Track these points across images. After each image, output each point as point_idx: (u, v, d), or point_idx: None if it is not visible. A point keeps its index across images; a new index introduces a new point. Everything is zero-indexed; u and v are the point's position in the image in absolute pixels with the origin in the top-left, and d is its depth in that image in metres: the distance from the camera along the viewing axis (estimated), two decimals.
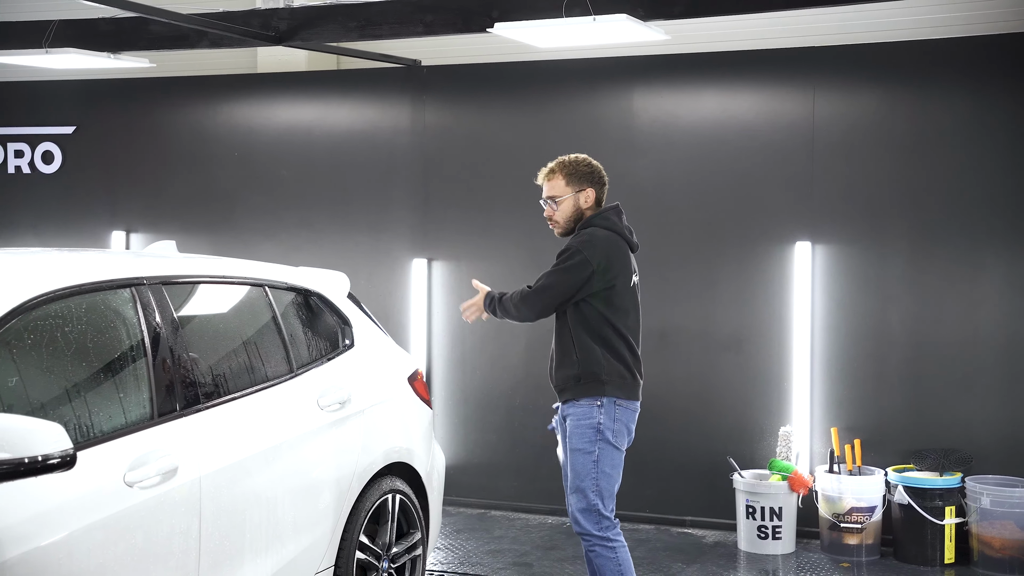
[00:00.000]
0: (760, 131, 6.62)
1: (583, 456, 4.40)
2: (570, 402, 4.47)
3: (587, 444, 4.40)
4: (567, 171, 4.61)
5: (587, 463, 4.39)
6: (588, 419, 4.40)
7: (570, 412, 4.47)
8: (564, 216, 4.61)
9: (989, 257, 6.20)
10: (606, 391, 4.40)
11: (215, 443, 3.72)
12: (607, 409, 4.39)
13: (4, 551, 2.91)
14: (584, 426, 4.41)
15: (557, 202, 4.61)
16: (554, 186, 4.62)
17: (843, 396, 6.48)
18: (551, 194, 4.63)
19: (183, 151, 7.97)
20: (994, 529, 5.95)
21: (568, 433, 4.47)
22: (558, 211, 4.62)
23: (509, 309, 4.59)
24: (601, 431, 4.38)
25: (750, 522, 6.30)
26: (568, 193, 4.59)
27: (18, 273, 3.47)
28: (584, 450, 4.40)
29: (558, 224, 4.65)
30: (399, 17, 5.87)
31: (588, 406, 4.40)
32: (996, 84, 6.19)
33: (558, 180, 4.61)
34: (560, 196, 4.60)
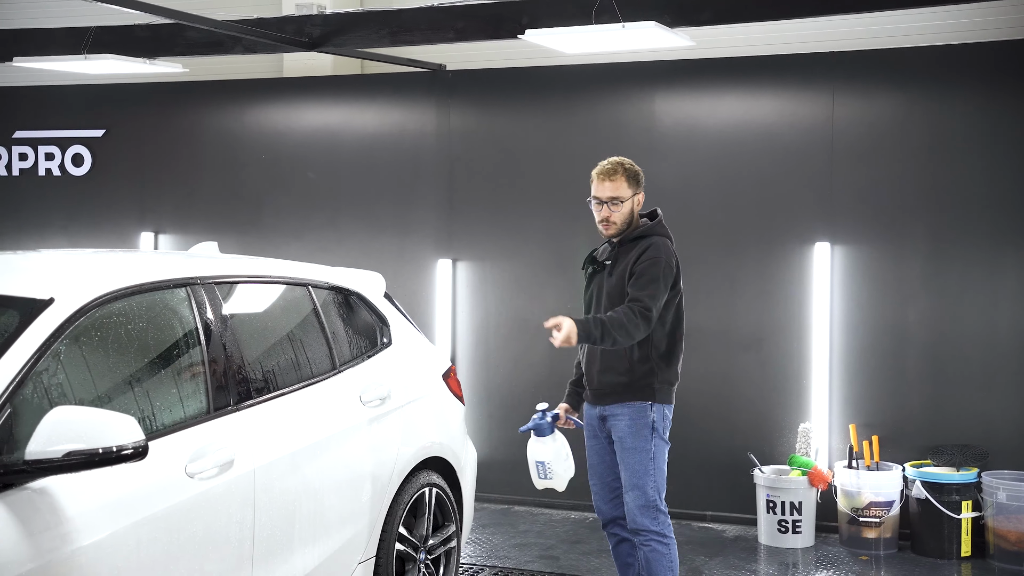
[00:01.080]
0: (780, 134, 6.76)
1: (640, 454, 4.49)
2: (617, 404, 4.54)
3: (643, 443, 4.49)
4: (629, 174, 4.61)
5: (644, 461, 4.49)
6: (642, 418, 4.50)
7: (620, 412, 4.54)
8: (622, 218, 4.59)
9: (1006, 257, 6.34)
10: (656, 397, 4.51)
11: (267, 437, 3.88)
12: (658, 408, 4.52)
13: (81, 537, 3.07)
14: (640, 425, 4.50)
15: (620, 203, 4.57)
16: (618, 187, 4.58)
17: (861, 393, 6.63)
18: (615, 195, 4.58)
19: (211, 154, 8.14)
20: (1010, 523, 6.09)
21: (619, 433, 4.54)
22: (618, 213, 4.58)
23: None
24: (655, 428, 4.50)
25: (770, 516, 6.45)
26: (629, 195, 4.59)
27: (84, 273, 3.63)
28: (640, 448, 4.49)
29: (614, 225, 4.60)
30: (431, 23, 6.01)
31: (641, 406, 4.50)
32: (1013, 89, 6.32)
33: (621, 182, 4.59)
34: (624, 198, 4.58)
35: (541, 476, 4.74)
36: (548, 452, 4.71)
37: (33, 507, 2.98)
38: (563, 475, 4.72)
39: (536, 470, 4.74)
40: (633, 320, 4.34)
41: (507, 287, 7.42)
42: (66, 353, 3.29)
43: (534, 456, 4.73)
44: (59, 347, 3.26)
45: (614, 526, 4.75)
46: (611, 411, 4.58)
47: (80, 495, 3.10)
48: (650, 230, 4.60)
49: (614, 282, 4.57)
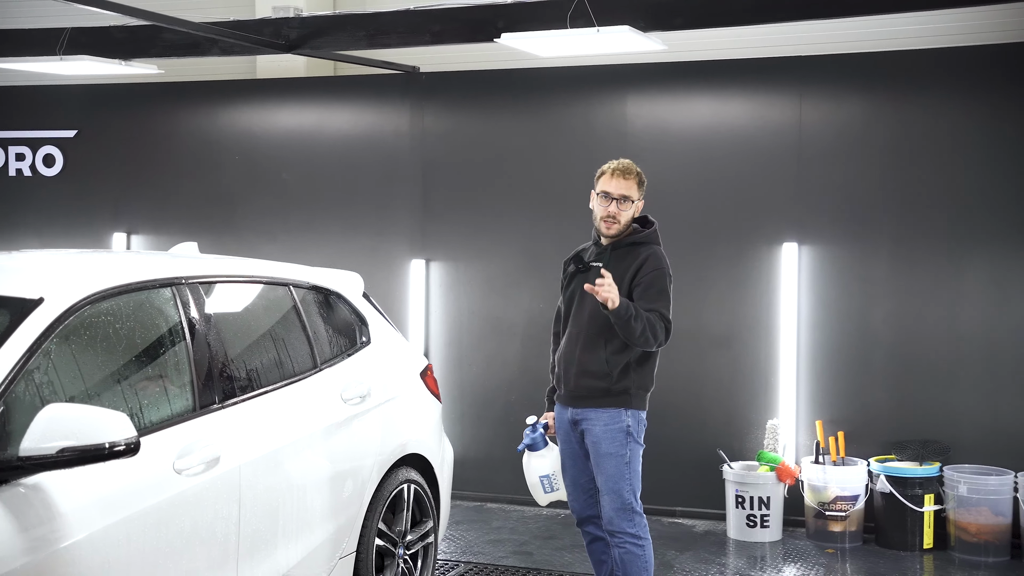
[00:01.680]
0: (749, 137, 6.90)
1: (615, 459, 4.54)
2: (592, 408, 4.58)
3: (618, 447, 4.54)
4: (640, 178, 4.63)
5: (620, 465, 4.54)
6: (617, 423, 4.54)
7: (594, 417, 4.57)
8: (627, 218, 4.60)
9: (969, 258, 6.51)
10: (632, 404, 4.56)
11: (251, 434, 3.95)
12: (632, 413, 4.56)
13: (73, 532, 3.14)
14: (614, 430, 4.54)
15: (631, 203, 4.60)
16: (631, 187, 4.59)
17: (828, 390, 6.78)
18: (626, 193, 4.58)
19: (185, 154, 8.17)
20: (970, 515, 6.25)
21: (594, 437, 4.58)
22: (625, 212, 4.59)
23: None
24: (630, 433, 4.55)
25: (739, 511, 6.58)
26: (637, 197, 4.62)
27: (72, 273, 3.69)
28: (615, 453, 4.54)
29: (618, 224, 4.60)
30: (408, 27, 6.09)
31: (615, 412, 4.54)
32: (977, 93, 6.49)
33: (634, 183, 4.60)
34: (634, 198, 4.60)
35: (547, 490, 4.78)
36: (549, 465, 4.75)
37: (27, 503, 3.05)
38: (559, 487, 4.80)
39: (542, 485, 4.77)
40: (658, 325, 4.43)
41: (480, 287, 7.51)
42: (56, 352, 3.36)
43: (537, 472, 4.76)
44: (49, 346, 3.33)
45: (588, 524, 4.82)
46: (585, 415, 4.60)
47: (72, 491, 3.17)
48: (647, 238, 4.63)
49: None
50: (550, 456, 4.77)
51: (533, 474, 4.78)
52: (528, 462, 4.80)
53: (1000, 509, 6.23)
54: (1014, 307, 6.44)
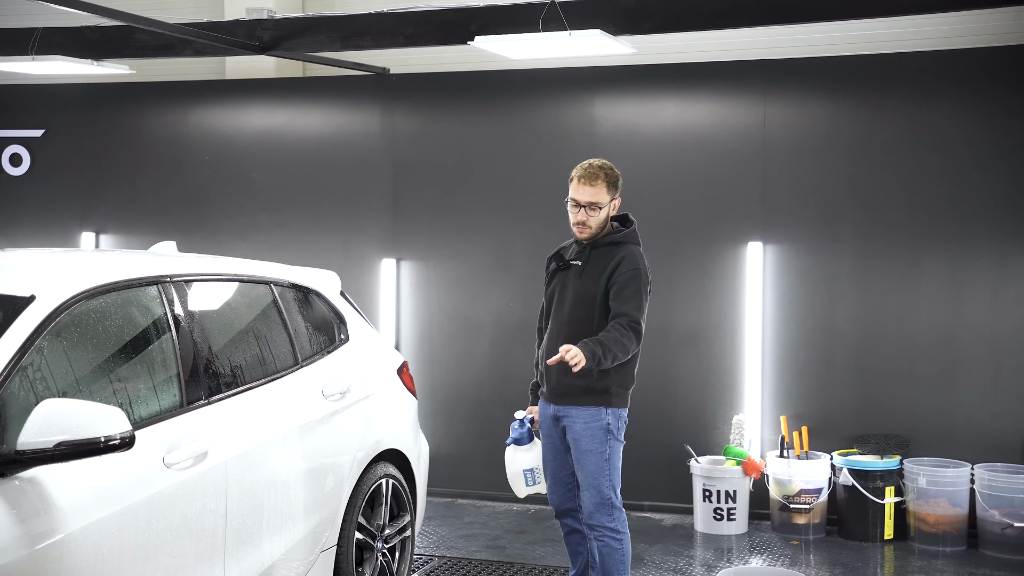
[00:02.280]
0: (715, 138, 7.05)
1: (595, 456, 4.63)
2: (573, 406, 4.66)
3: (598, 444, 4.63)
4: (609, 179, 4.61)
5: (599, 462, 4.63)
6: (597, 421, 4.63)
7: (575, 414, 4.65)
8: (598, 223, 4.63)
9: (928, 257, 6.70)
10: (612, 402, 4.65)
11: (237, 429, 4.02)
12: (613, 411, 4.65)
13: (69, 524, 3.20)
14: (594, 428, 4.63)
15: (599, 209, 4.60)
16: (598, 192, 4.59)
17: (792, 386, 6.94)
18: (594, 200, 4.58)
19: (154, 154, 8.19)
20: (929, 507, 6.44)
21: (575, 435, 4.67)
22: (594, 218, 4.60)
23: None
24: (610, 430, 4.64)
25: (706, 505, 6.73)
26: (607, 200, 4.61)
27: (62, 271, 3.75)
28: (595, 451, 4.63)
29: (589, 229, 4.63)
30: (381, 29, 6.16)
31: (596, 411, 4.63)
32: (935, 96, 6.68)
33: (602, 187, 4.59)
34: (602, 204, 4.60)
35: (529, 483, 4.88)
36: (533, 459, 4.86)
37: (24, 495, 3.10)
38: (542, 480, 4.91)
39: (524, 478, 4.87)
40: (627, 335, 4.47)
41: (450, 286, 7.61)
42: (48, 348, 3.41)
43: (521, 465, 4.86)
44: (42, 342, 3.38)
45: (566, 517, 4.93)
46: (566, 412, 4.69)
47: (67, 484, 3.23)
48: (625, 238, 4.68)
49: (584, 284, 4.67)
50: (535, 451, 4.88)
51: (517, 467, 4.88)
52: (513, 456, 4.90)
53: (957, 500, 6.42)
54: (970, 305, 6.64)
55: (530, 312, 7.33)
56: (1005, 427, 6.57)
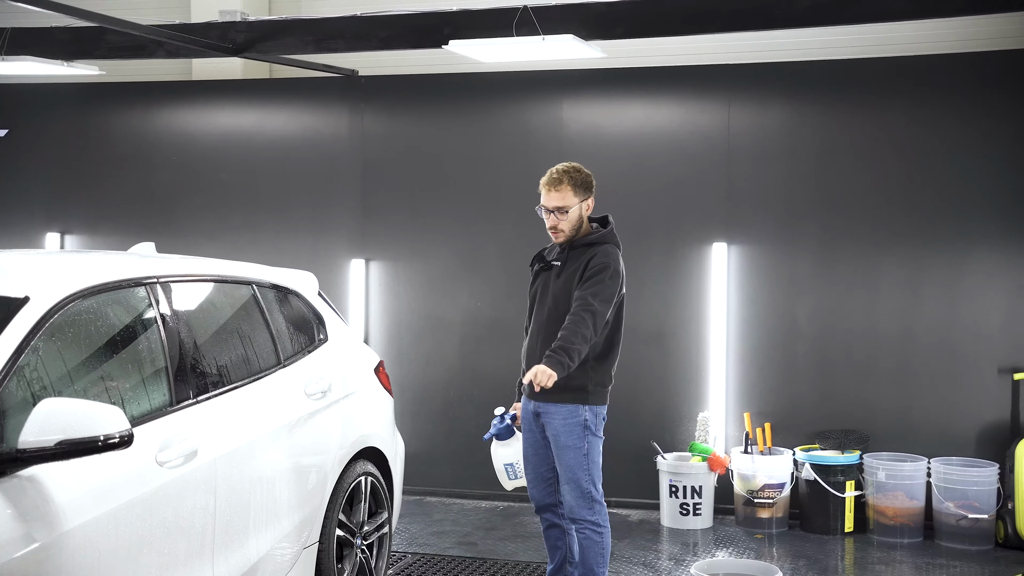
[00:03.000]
0: (680, 140, 7.19)
1: (573, 451, 4.74)
2: (552, 403, 4.76)
3: (576, 440, 4.74)
4: (575, 181, 4.72)
5: (578, 457, 4.74)
6: (574, 417, 4.74)
7: (553, 411, 4.76)
8: (570, 225, 4.73)
9: (886, 257, 6.89)
10: (589, 400, 4.76)
11: (225, 428, 4.08)
12: (590, 408, 4.77)
13: (67, 522, 3.25)
14: (572, 424, 4.74)
15: (566, 212, 4.70)
16: (563, 196, 4.70)
17: (755, 383, 7.10)
18: (561, 204, 4.69)
19: (121, 155, 8.18)
20: (888, 500, 6.63)
21: (554, 431, 4.78)
22: (564, 221, 4.71)
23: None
24: (588, 426, 4.75)
25: (673, 500, 6.87)
26: (576, 203, 4.71)
27: (54, 272, 3.79)
28: (574, 446, 4.74)
29: (563, 233, 4.74)
30: (355, 32, 6.22)
31: (573, 408, 4.74)
32: (893, 101, 6.87)
33: (567, 190, 4.70)
34: (569, 206, 4.70)
35: (511, 477, 4.97)
36: (513, 454, 4.94)
37: (25, 493, 3.15)
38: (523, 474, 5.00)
39: (506, 473, 4.96)
40: (581, 321, 4.54)
41: (419, 286, 7.69)
42: (43, 348, 3.46)
43: (501, 460, 4.95)
44: (37, 343, 3.43)
45: (546, 512, 5.02)
46: (545, 408, 4.80)
47: (65, 482, 3.28)
48: (602, 238, 4.80)
49: (561, 284, 4.78)
50: (515, 445, 4.96)
51: (498, 462, 4.99)
52: (494, 450, 5.00)
53: (914, 494, 6.62)
54: (927, 304, 6.84)
55: (499, 312, 7.49)
56: (960, 422, 6.78)
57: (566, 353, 4.52)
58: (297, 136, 7.90)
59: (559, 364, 4.49)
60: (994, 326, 6.74)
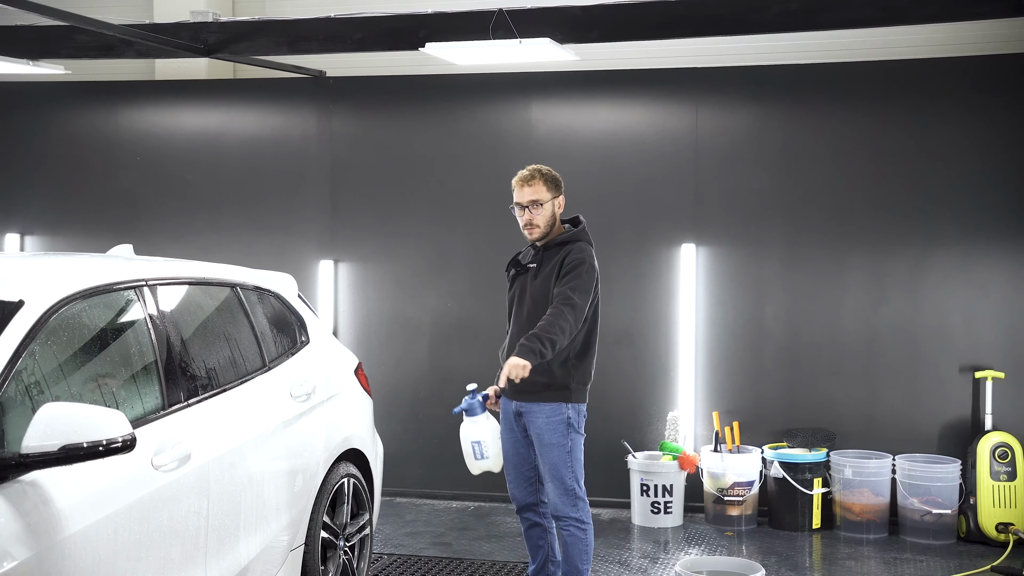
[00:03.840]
0: (649, 143, 7.27)
1: (557, 449, 4.80)
2: (534, 402, 4.82)
3: (560, 438, 4.80)
4: (546, 178, 4.86)
5: (562, 455, 4.81)
6: (558, 416, 4.80)
7: (535, 410, 4.82)
8: (544, 220, 4.84)
9: (852, 259, 7.03)
10: (572, 397, 4.83)
11: (216, 431, 4.07)
12: (573, 406, 4.84)
13: (69, 526, 3.23)
14: (555, 422, 4.80)
15: (540, 206, 4.83)
16: (537, 191, 4.83)
17: (723, 383, 7.20)
18: (535, 198, 4.82)
19: (83, 155, 8.09)
20: (854, 496, 6.76)
21: (537, 429, 4.83)
22: (539, 215, 4.83)
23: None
24: (571, 424, 4.82)
25: (644, 499, 6.94)
26: (548, 199, 4.84)
27: (47, 275, 3.77)
28: (558, 444, 4.80)
29: (538, 228, 4.85)
30: (329, 34, 6.21)
31: (556, 406, 4.80)
32: (857, 105, 7.00)
33: (540, 186, 4.84)
34: (543, 200, 4.83)
35: (477, 456, 4.88)
36: (482, 431, 4.84)
37: (27, 498, 3.13)
38: (498, 455, 4.91)
39: (472, 451, 4.87)
40: (560, 314, 4.63)
41: (388, 287, 7.69)
42: (39, 352, 3.43)
43: (469, 436, 4.86)
44: (33, 347, 3.40)
45: (527, 511, 5.07)
46: (527, 408, 4.85)
47: (66, 487, 3.25)
48: (575, 236, 4.89)
49: (539, 285, 4.84)
50: (484, 424, 4.84)
51: (465, 438, 4.86)
52: (463, 427, 4.87)
53: (880, 490, 6.75)
54: (890, 305, 6.98)
55: (468, 312, 7.52)
56: (923, 420, 6.93)
57: (539, 340, 4.58)
58: (265, 137, 7.86)
59: (530, 351, 4.56)
60: (955, 326, 6.90)
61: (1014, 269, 6.79)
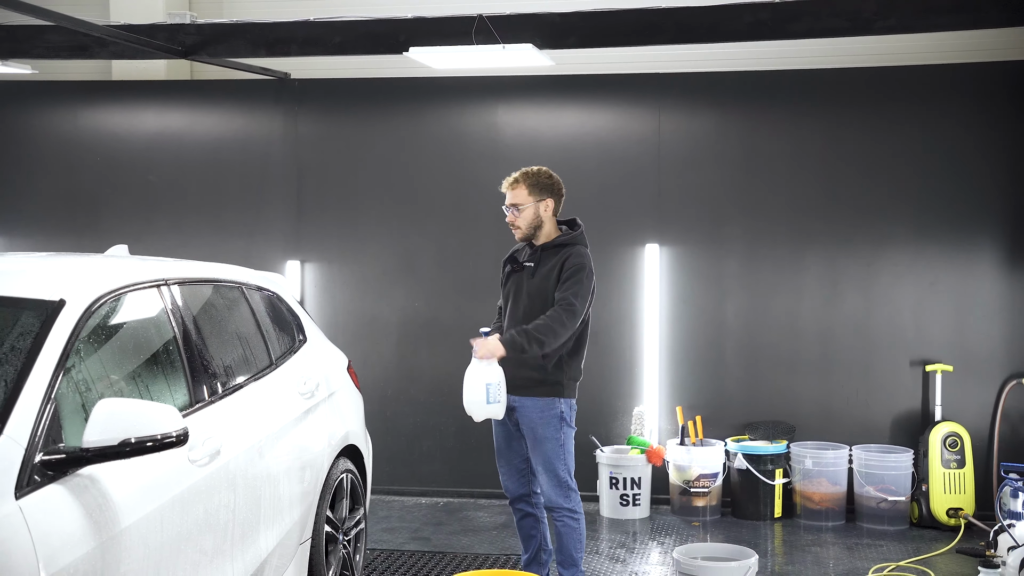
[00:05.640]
0: (613, 146, 7.48)
1: (551, 443, 5.00)
2: (529, 397, 4.99)
3: (553, 432, 5.00)
4: (530, 182, 5.05)
5: (555, 448, 5.00)
6: (551, 410, 5.00)
7: (529, 404, 5.00)
8: (526, 223, 5.05)
9: (807, 257, 7.32)
10: (564, 393, 5.03)
11: (238, 427, 4.15)
12: (565, 401, 5.04)
13: (123, 519, 3.29)
14: (549, 416, 4.99)
15: (520, 209, 5.03)
16: (517, 195, 5.04)
17: (686, 378, 7.44)
18: (514, 202, 5.04)
19: (41, 155, 8.00)
20: (813, 486, 7.05)
21: (531, 423, 5.01)
22: (520, 218, 5.04)
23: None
24: (564, 418, 5.02)
25: (613, 492, 7.14)
26: (530, 202, 5.04)
27: (82, 275, 3.82)
28: (551, 437, 5.00)
29: (520, 229, 5.06)
30: (308, 37, 6.27)
31: (550, 401, 5.00)
32: (815, 111, 7.30)
33: (521, 190, 5.05)
34: (523, 204, 5.03)
35: (490, 400, 4.81)
36: (495, 374, 4.84)
37: (88, 492, 3.19)
38: (504, 402, 4.90)
39: (486, 392, 4.79)
40: (558, 319, 4.83)
41: (355, 287, 7.77)
42: (83, 350, 3.48)
43: (483, 378, 4.80)
44: (77, 344, 3.45)
45: (520, 502, 5.25)
46: (522, 402, 5.02)
47: (120, 481, 3.32)
48: (572, 239, 5.09)
49: (536, 284, 5.03)
50: (496, 368, 4.84)
51: (480, 382, 4.80)
52: (477, 369, 4.82)
53: (837, 479, 7.05)
54: (845, 302, 7.30)
55: (434, 312, 7.64)
56: (877, 412, 7.25)
57: (527, 337, 4.80)
58: (229, 138, 7.87)
59: (513, 344, 4.79)
60: (906, 321, 7.24)
61: (962, 268, 7.15)
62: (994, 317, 7.12)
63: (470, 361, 4.92)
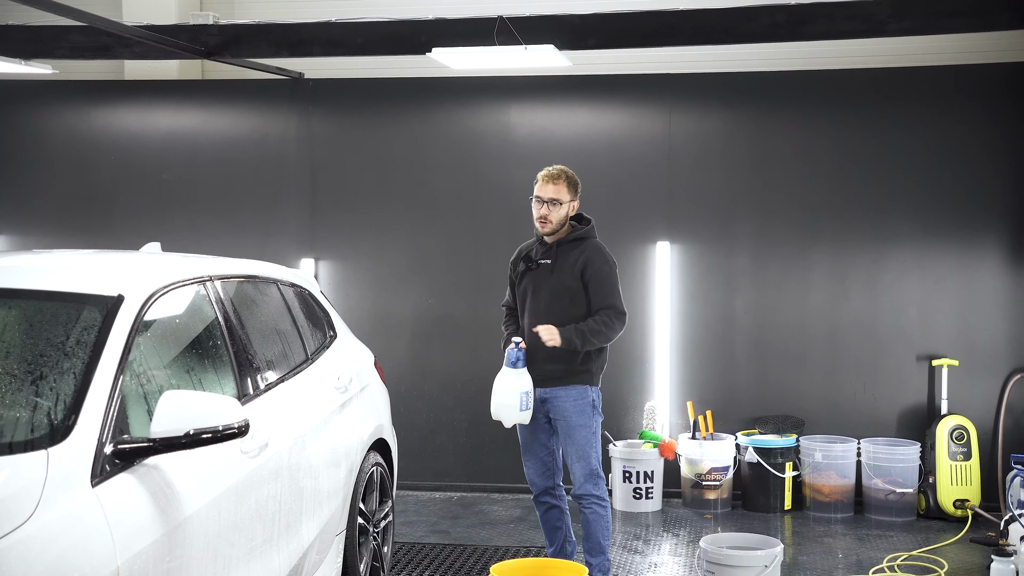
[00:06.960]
0: (625, 146, 7.59)
1: (584, 430, 5.14)
2: (560, 387, 5.13)
3: (587, 419, 5.15)
4: (570, 180, 5.19)
5: (587, 435, 5.14)
6: (584, 398, 5.15)
7: (562, 395, 5.13)
8: (559, 219, 5.18)
9: (815, 254, 7.46)
10: (594, 381, 5.19)
11: (282, 420, 4.25)
12: (594, 389, 5.21)
13: (187, 508, 3.39)
14: (583, 404, 5.14)
15: (559, 205, 5.15)
16: (559, 190, 5.15)
17: (696, 374, 7.57)
18: (555, 197, 5.14)
19: (55, 154, 8.07)
20: (823, 479, 7.19)
21: (564, 412, 5.13)
22: (555, 213, 5.15)
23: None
24: (595, 406, 5.18)
25: (626, 485, 7.26)
26: (567, 199, 5.18)
27: (136, 271, 3.91)
28: (584, 425, 5.14)
29: (550, 224, 5.17)
30: (331, 38, 6.35)
31: (582, 389, 5.15)
32: (822, 111, 7.43)
33: (563, 186, 5.15)
34: (563, 201, 5.16)
35: (523, 408, 5.05)
36: (528, 382, 5.06)
37: (155, 481, 3.28)
38: (532, 409, 5.13)
39: (520, 401, 5.03)
40: (611, 324, 5.09)
41: (369, 285, 7.86)
42: (142, 343, 3.57)
43: (518, 388, 5.02)
44: (137, 338, 3.54)
45: (545, 495, 5.36)
46: (553, 393, 5.15)
47: (181, 471, 3.41)
48: (586, 234, 5.23)
49: (557, 279, 5.15)
50: (528, 378, 5.08)
51: (515, 390, 5.04)
52: (508, 378, 5.06)
53: (846, 472, 7.19)
54: (852, 299, 7.44)
55: (448, 309, 7.75)
56: (884, 406, 7.40)
57: (581, 336, 5.03)
58: (243, 137, 7.95)
59: (568, 339, 5.01)
60: (912, 317, 7.38)
61: (967, 265, 7.30)
62: (998, 313, 7.28)
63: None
